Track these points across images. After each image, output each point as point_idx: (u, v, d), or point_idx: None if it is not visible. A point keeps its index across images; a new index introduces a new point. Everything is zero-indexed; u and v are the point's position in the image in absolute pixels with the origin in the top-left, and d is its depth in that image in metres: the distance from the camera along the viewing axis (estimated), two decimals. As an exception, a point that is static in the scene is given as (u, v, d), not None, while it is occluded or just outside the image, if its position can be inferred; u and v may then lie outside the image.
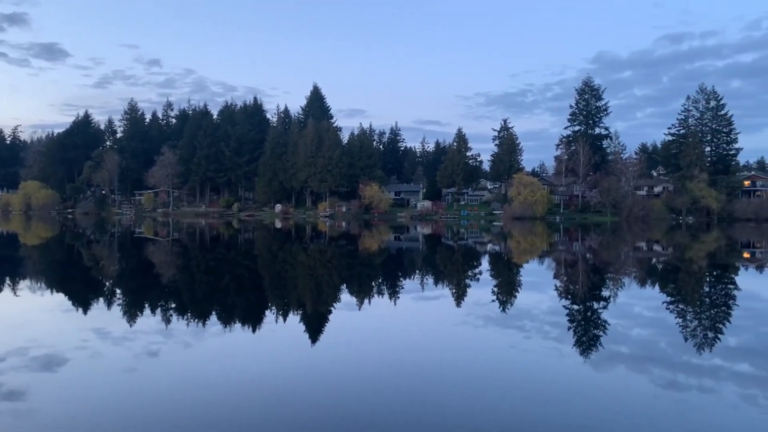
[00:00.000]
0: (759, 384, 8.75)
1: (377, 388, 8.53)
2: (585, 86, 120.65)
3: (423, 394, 8.27)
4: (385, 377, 9.11)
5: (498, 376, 9.29)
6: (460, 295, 18.32)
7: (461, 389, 8.54)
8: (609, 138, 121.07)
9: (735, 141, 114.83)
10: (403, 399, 8.05)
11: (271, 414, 7.43)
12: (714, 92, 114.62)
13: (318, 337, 11.91)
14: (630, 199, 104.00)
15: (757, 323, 13.87)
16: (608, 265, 30.15)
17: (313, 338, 11.75)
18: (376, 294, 18.56)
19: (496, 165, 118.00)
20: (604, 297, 18.32)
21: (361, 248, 39.77)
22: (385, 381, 8.91)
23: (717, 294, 19.68)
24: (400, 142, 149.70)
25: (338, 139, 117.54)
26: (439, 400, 8.03)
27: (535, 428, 7.04)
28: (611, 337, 11.91)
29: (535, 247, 42.81)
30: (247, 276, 23.37)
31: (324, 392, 8.28)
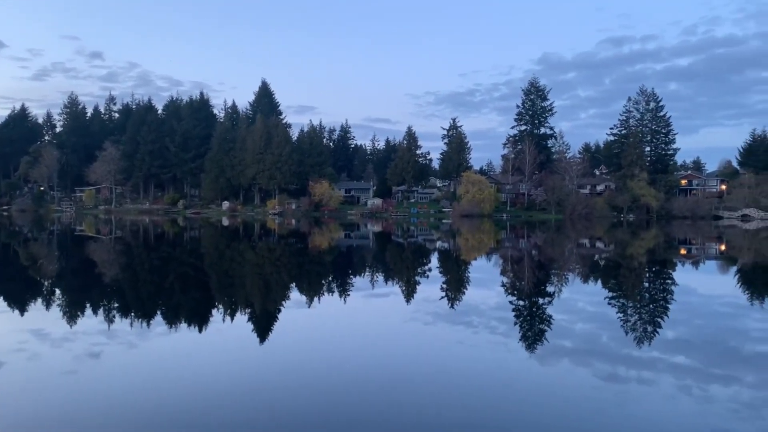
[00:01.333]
0: (693, 375, 9.14)
1: (326, 386, 8.50)
2: (531, 87, 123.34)
3: (371, 391, 8.30)
4: (334, 375, 9.09)
5: (446, 372, 9.39)
6: (409, 292, 18.45)
7: (410, 385, 8.61)
8: (554, 138, 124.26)
9: (673, 141, 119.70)
10: (351, 396, 8.06)
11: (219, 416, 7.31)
12: (653, 94, 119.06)
13: (266, 336, 11.79)
14: (574, 198, 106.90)
15: (692, 317, 14.49)
16: (553, 262, 30.92)
17: (262, 337, 11.62)
18: (326, 292, 18.50)
19: (446, 163, 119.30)
20: (549, 293, 18.79)
21: (311, 246, 39.53)
22: (335, 378, 8.88)
23: (655, 289, 20.46)
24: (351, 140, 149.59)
25: (288, 135, 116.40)
26: (388, 396, 8.07)
27: (481, 421, 7.17)
28: (556, 332, 12.23)
29: (482, 245, 43.49)
30: (192, 275, 22.89)
31: (272, 391, 8.20)
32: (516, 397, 8.18)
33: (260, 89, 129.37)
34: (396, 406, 7.67)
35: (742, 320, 14.15)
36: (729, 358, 10.30)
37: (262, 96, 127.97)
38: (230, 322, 13.07)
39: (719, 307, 16.18)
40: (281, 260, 29.20)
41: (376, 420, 7.16)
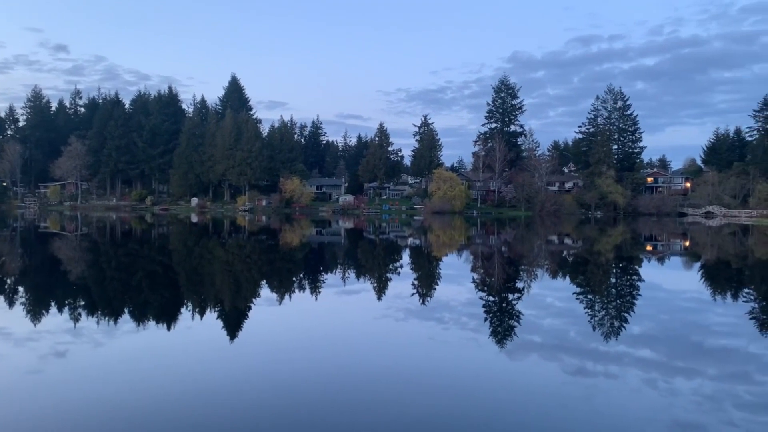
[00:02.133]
0: (658, 368, 9.34)
1: (296, 383, 8.45)
2: (501, 85, 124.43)
3: (342, 387, 8.28)
4: (304, 372, 9.04)
5: (417, 367, 9.43)
6: (381, 289, 18.46)
7: (381, 381, 8.62)
8: (524, 135, 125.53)
9: (639, 140, 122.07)
10: (322, 393, 8.03)
11: (189, 416, 7.22)
12: (621, 93, 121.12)
13: (236, 334, 11.67)
14: (543, 195, 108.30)
15: (657, 311, 14.80)
16: (522, 258, 31.26)
17: (232, 336, 11.51)
18: (298, 289, 18.40)
19: (417, 160, 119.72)
20: (518, 288, 19.00)
21: (282, 243, 39.28)
22: (305, 375, 8.84)
23: (622, 285, 20.84)
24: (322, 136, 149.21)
25: (258, 131, 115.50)
26: (358, 392, 8.07)
27: (451, 415, 7.21)
28: (525, 327, 12.37)
29: (453, 241, 43.75)
30: (161, 273, 22.55)
31: (242, 390, 8.12)
32: (485, 392, 8.25)
33: (230, 84, 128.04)
34: (367, 401, 7.68)
35: (705, 315, 14.50)
36: (692, 352, 10.55)
37: (232, 91, 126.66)
38: (200, 320, 12.91)
39: (683, 302, 16.56)
40: (251, 257, 28.95)
41: (347, 416, 7.15)
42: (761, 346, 10.96)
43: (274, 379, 8.67)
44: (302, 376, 8.82)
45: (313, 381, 8.60)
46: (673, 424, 6.95)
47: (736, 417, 7.15)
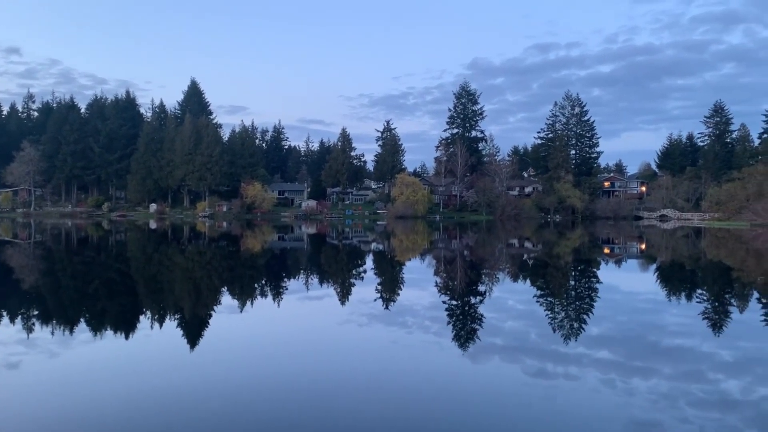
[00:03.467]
0: (616, 369, 9.55)
1: (259, 390, 8.36)
2: (462, 91, 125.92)
3: (304, 394, 8.22)
4: (267, 378, 8.95)
5: (380, 371, 9.43)
6: (344, 294, 18.41)
7: (344, 386, 8.59)
8: (484, 141, 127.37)
9: (596, 145, 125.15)
10: (284, 399, 7.96)
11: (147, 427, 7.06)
12: (578, 99, 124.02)
13: (197, 343, 11.47)
14: (503, 199, 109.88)
15: (615, 313, 15.13)
16: (484, 262, 31.60)
17: (193, 344, 11.30)
18: (260, 296, 18.21)
19: (380, 165, 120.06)
20: (480, 292, 19.19)
21: (243, 249, 38.82)
22: (268, 382, 8.75)
23: (581, 287, 21.25)
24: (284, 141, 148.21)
25: (218, 135, 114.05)
26: (321, 397, 8.02)
27: (414, 419, 7.23)
28: (487, 330, 12.50)
29: (416, 246, 43.96)
30: (118, 280, 22.02)
31: (202, 400, 7.99)
32: (448, 395, 8.30)
33: (189, 88, 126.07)
34: (329, 407, 7.63)
35: (660, 316, 14.90)
36: (649, 352, 10.82)
37: (192, 95, 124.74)
38: (159, 329, 12.64)
39: (640, 304, 16.98)
40: (212, 264, 28.54)
41: (309, 421, 7.09)
42: (713, 346, 11.31)
43: (235, 386, 8.55)
44: (264, 383, 8.72)
45: (275, 388, 8.51)
46: (630, 422, 7.11)
47: (690, 414, 7.36)
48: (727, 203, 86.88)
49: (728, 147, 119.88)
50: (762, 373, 9.40)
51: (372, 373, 9.41)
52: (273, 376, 9.10)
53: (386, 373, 9.39)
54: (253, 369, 9.56)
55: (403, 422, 7.19)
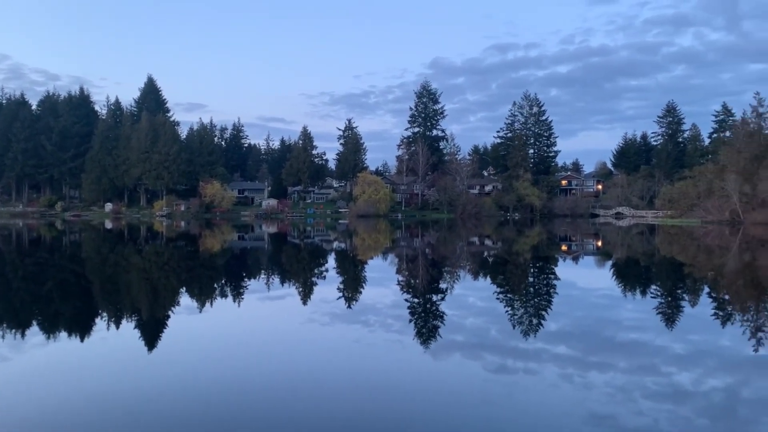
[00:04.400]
0: (574, 363, 9.75)
1: (219, 391, 8.23)
2: (423, 90, 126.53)
3: (266, 393, 8.15)
4: (228, 379, 8.82)
5: (343, 370, 9.41)
6: (306, 294, 18.31)
7: (306, 385, 8.53)
8: (445, 140, 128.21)
9: (554, 144, 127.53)
10: (249, 399, 7.86)
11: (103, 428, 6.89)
12: (536, 99, 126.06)
13: (156, 343, 11.24)
14: (464, 197, 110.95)
15: (572, 309, 15.45)
16: (445, 260, 31.85)
17: (150, 346, 11.07)
18: (219, 296, 17.95)
19: (342, 164, 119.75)
20: (441, 290, 19.33)
21: (202, 249, 38.22)
22: (229, 383, 8.63)
23: (540, 284, 21.63)
24: (244, 139, 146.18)
25: (176, 133, 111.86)
26: (284, 397, 7.96)
27: (377, 417, 7.24)
28: (448, 327, 12.60)
29: (378, 244, 44.02)
30: (73, 282, 21.41)
31: (162, 402, 7.83)
32: (410, 392, 8.33)
33: (146, 85, 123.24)
34: (292, 406, 7.58)
35: (616, 311, 15.27)
36: (605, 347, 11.08)
37: (148, 92, 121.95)
38: (116, 330, 12.34)
39: (597, 299, 17.38)
40: (170, 265, 28.01)
41: (271, 421, 7.03)
42: (667, 339, 11.65)
43: (196, 388, 8.40)
44: (224, 384, 8.60)
45: (236, 389, 8.40)
46: (588, 416, 7.27)
47: (645, 407, 7.56)
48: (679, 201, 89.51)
49: (680, 146, 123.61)
50: (712, 365, 9.72)
51: (334, 371, 9.38)
52: (232, 377, 8.98)
53: (348, 372, 9.38)
54: (212, 370, 9.41)
55: (365, 419, 7.19)
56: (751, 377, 9.10)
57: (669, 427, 6.86)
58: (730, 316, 14.81)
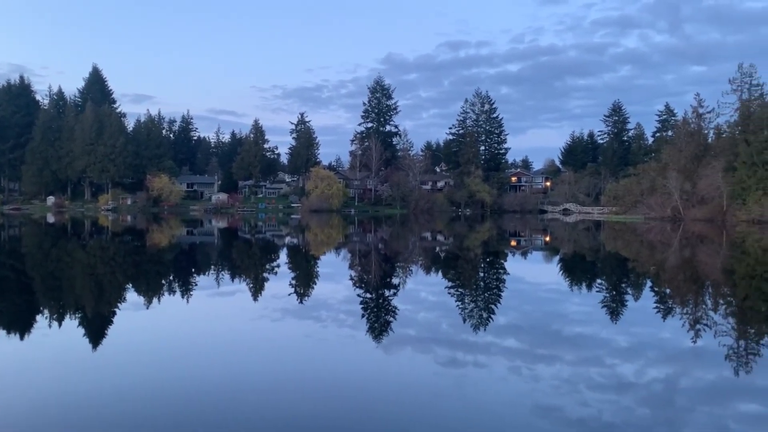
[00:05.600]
0: (522, 356, 9.95)
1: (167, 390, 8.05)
2: (377, 85, 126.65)
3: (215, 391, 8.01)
4: (175, 378, 8.63)
5: (294, 366, 9.34)
6: (257, 289, 18.10)
7: (257, 382, 8.44)
8: (399, 135, 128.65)
9: (504, 141, 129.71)
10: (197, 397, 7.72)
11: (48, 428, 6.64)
12: (487, 97, 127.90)
13: (100, 341, 10.90)
14: (417, 193, 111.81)
15: (521, 303, 15.77)
16: (398, 255, 32.00)
17: (95, 344, 10.73)
18: (167, 293, 17.55)
19: (294, 158, 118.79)
20: (394, 284, 19.41)
21: (149, 244, 37.29)
22: (177, 382, 8.45)
23: (490, 278, 21.97)
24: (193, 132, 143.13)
25: (122, 125, 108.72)
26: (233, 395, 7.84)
27: (328, 412, 7.22)
28: (400, 322, 12.67)
29: (331, 239, 43.88)
30: (12, 278, 20.56)
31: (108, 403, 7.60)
32: (362, 387, 8.35)
33: (91, 75, 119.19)
34: (241, 404, 7.47)
35: (563, 305, 15.66)
36: (552, 340, 11.35)
37: (93, 82, 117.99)
38: (58, 328, 11.90)
39: (544, 294, 17.78)
40: (115, 260, 27.23)
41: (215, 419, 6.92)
42: (611, 332, 12.02)
43: (142, 388, 8.19)
44: (173, 383, 8.41)
45: (182, 387, 8.23)
46: (535, 407, 7.43)
47: (589, 397, 7.78)
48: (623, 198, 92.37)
49: (625, 145, 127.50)
50: (653, 356, 10.08)
51: (285, 367, 9.31)
52: (179, 375, 8.80)
53: (300, 368, 9.32)
54: (158, 369, 9.19)
55: (316, 415, 7.16)
56: (689, 368, 9.48)
57: (612, 417, 7.08)
58: (670, 309, 15.40)
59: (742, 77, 77.11)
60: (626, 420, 7.00)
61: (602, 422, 6.92)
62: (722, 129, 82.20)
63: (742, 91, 77.02)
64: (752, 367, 9.46)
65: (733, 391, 8.27)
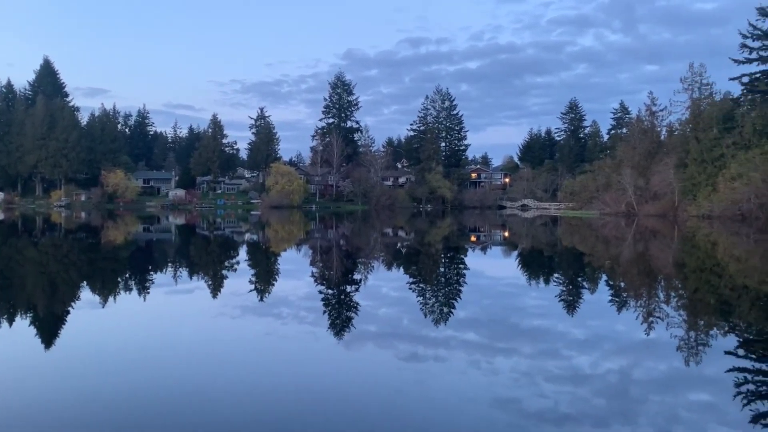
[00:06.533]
0: (482, 350, 10.08)
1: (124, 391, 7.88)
2: (337, 81, 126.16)
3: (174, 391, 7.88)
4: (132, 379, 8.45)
5: (254, 364, 9.26)
6: (216, 287, 17.86)
7: (216, 381, 8.33)
8: (360, 131, 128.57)
9: (465, 138, 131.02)
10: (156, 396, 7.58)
11: None
12: (448, 94, 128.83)
13: (52, 343, 10.58)
14: (378, 189, 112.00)
15: (480, 297, 15.98)
16: (359, 251, 32.01)
17: (47, 344, 10.41)
18: (123, 291, 17.15)
19: (254, 154, 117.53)
20: (355, 280, 19.42)
21: (104, 241, 36.37)
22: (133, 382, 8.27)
23: (450, 273, 22.19)
24: (150, 126, 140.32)
25: (75, 119, 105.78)
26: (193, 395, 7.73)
27: (290, 410, 7.18)
28: (361, 318, 12.69)
29: (292, 236, 43.60)
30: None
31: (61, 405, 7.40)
32: (323, 384, 8.33)
33: (42, 68, 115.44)
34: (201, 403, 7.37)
35: (521, 299, 15.93)
36: (511, 333, 11.54)
37: (45, 75, 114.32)
38: (8, 329, 11.50)
39: (503, 288, 18.05)
40: (69, 258, 26.48)
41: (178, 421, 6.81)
42: (567, 325, 12.28)
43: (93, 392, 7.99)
44: (127, 385, 8.23)
45: (138, 389, 8.06)
46: (494, 400, 7.54)
47: (547, 389, 7.94)
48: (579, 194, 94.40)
49: (581, 142, 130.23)
50: (608, 348, 10.35)
51: (245, 366, 9.21)
52: (135, 377, 8.61)
53: (260, 365, 9.24)
54: (113, 371, 8.97)
55: (277, 413, 7.12)
56: (642, 359, 9.76)
57: (568, 408, 7.24)
58: (624, 302, 15.82)
59: (692, 76, 79.60)
60: (582, 411, 7.17)
61: (559, 413, 7.07)
62: (674, 127, 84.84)
63: (693, 90, 79.50)
64: (701, 358, 9.80)
65: (683, 381, 8.55)
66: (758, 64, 71.76)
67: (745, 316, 13.87)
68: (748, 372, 8.92)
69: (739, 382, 8.26)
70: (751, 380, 8.47)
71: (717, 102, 74.95)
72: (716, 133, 69.26)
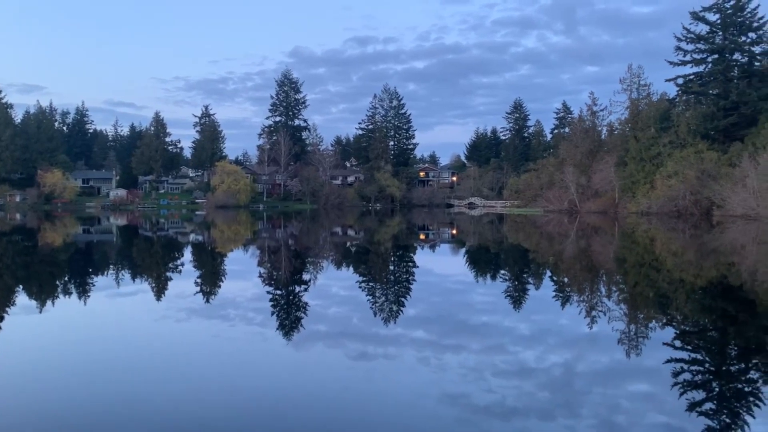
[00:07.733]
0: (430, 347, 10.17)
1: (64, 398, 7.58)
2: (285, 78, 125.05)
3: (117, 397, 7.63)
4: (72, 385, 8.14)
5: (201, 366, 9.06)
6: (160, 289, 17.39)
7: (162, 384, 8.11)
8: (308, 130, 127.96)
9: (413, 137, 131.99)
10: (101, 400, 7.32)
11: None
12: (396, 93, 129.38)
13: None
14: (327, 188, 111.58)
15: (429, 294, 16.12)
16: (308, 250, 31.79)
17: (-22, 351, 9.91)
18: (62, 294, 16.50)
19: (198, 152, 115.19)
20: (304, 280, 19.28)
21: (41, 243, 34.92)
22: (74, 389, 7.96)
23: (399, 271, 22.29)
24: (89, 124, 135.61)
25: (8, 117, 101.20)
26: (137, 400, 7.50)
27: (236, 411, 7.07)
28: (311, 318, 12.60)
29: (239, 236, 42.93)
30: None
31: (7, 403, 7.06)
32: (270, 384, 8.23)
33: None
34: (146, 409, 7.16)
35: (469, 295, 16.16)
36: (459, 330, 11.68)
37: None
38: (-67, 337, 10.89)
39: (451, 285, 18.26)
40: (2, 261, 25.29)
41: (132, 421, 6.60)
42: (513, 320, 12.53)
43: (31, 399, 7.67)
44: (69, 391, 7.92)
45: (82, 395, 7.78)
46: (443, 395, 7.61)
47: (494, 384, 8.07)
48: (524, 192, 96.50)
49: (526, 141, 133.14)
50: (553, 342, 10.60)
51: (192, 369, 9.00)
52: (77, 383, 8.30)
53: (208, 368, 9.05)
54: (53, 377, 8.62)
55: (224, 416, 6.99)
56: (585, 352, 10.04)
57: (515, 402, 7.38)
58: (568, 297, 16.24)
59: (631, 77, 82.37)
60: (528, 404, 7.32)
61: (506, 407, 7.20)
62: (614, 126, 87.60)
63: (632, 90, 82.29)
64: (641, 350, 10.17)
65: (624, 372, 8.84)
66: (692, 66, 75.16)
67: (682, 308, 14.47)
68: (684, 362, 9.30)
69: (676, 372, 8.61)
70: (687, 370, 8.84)
71: (654, 102, 77.91)
72: (654, 132, 71.95)
